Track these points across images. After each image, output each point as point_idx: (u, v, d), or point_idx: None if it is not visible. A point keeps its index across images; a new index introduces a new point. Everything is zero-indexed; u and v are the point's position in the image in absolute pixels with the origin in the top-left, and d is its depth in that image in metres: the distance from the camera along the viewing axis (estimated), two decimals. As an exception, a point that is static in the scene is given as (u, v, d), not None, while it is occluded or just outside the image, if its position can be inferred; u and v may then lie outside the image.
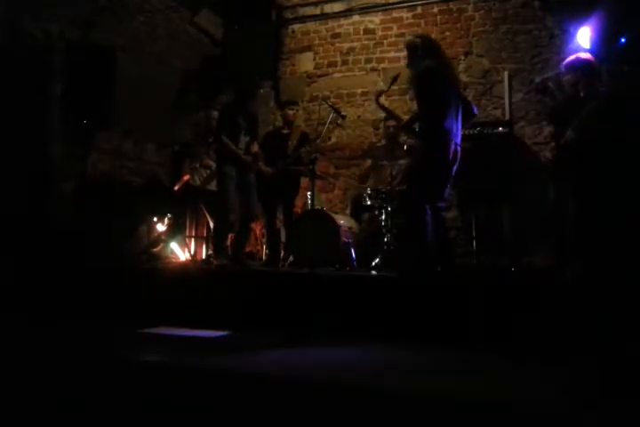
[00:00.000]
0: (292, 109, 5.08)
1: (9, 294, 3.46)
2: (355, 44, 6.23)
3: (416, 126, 3.65)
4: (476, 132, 5.01)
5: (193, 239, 5.51)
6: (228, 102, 4.74)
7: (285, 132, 5.04)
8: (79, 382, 2.20)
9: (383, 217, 4.57)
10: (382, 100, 4.00)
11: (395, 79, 3.86)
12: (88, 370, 2.36)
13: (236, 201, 4.39)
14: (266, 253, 5.11)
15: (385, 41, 6.07)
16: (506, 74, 5.54)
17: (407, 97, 5.73)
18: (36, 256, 3.80)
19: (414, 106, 4.52)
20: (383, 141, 5.50)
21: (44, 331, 3.18)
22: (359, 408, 1.90)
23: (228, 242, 4.56)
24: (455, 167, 3.49)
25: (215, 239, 4.52)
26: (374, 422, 1.81)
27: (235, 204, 4.37)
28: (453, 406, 1.89)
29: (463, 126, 3.62)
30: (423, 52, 3.61)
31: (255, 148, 4.54)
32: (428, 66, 3.50)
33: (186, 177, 5.02)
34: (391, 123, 4.79)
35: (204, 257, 5.33)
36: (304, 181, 5.17)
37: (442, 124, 3.39)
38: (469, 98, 5.66)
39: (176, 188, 5.07)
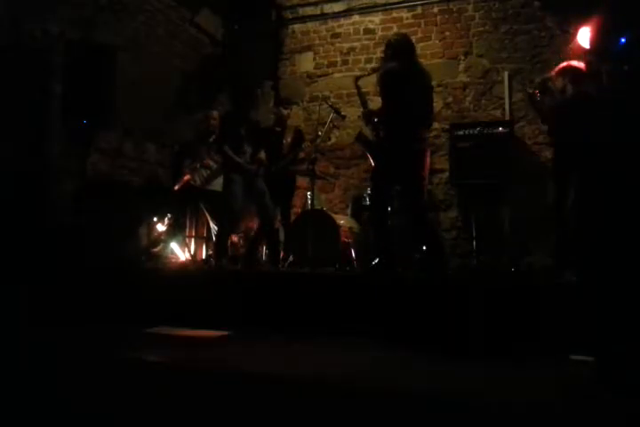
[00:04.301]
0: (287, 108, 5.09)
1: (8, 293, 3.46)
2: (355, 44, 6.24)
3: (375, 119, 3.68)
4: (476, 132, 5.01)
5: (193, 239, 5.51)
6: (229, 112, 4.76)
7: (278, 130, 5.04)
8: (79, 381, 2.20)
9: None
10: (361, 83, 3.98)
11: (378, 69, 3.84)
12: (88, 370, 2.36)
13: (245, 207, 4.43)
14: (265, 253, 5.11)
15: (385, 41, 6.07)
16: (506, 74, 5.55)
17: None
18: (35, 256, 3.79)
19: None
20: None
21: (45, 331, 3.18)
22: (358, 408, 1.91)
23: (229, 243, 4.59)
24: (423, 171, 3.50)
25: (217, 242, 4.54)
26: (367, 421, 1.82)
27: (241, 209, 4.40)
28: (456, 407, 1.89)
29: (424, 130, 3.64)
30: (393, 52, 3.63)
31: (261, 155, 4.54)
32: (391, 68, 3.53)
33: (186, 177, 5.01)
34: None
35: (203, 257, 5.34)
36: (304, 181, 5.16)
37: (400, 127, 3.46)
38: (469, 98, 5.71)
39: (176, 188, 5.06)
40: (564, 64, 3.94)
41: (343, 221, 4.75)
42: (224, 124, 4.55)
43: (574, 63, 3.90)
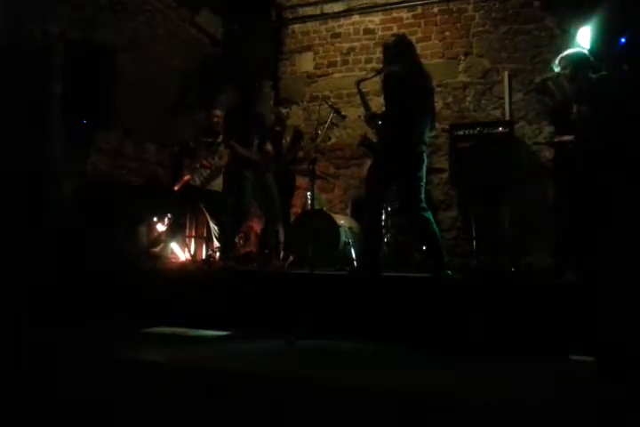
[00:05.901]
0: (287, 108, 5.10)
1: (9, 294, 3.46)
2: (355, 44, 6.23)
3: (379, 122, 3.67)
4: (476, 132, 5.01)
5: (193, 239, 5.51)
6: (234, 106, 4.76)
7: (277, 129, 5.05)
8: (79, 381, 2.20)
9: (383, 217, 4.57)
10: (363, 86, 3.95)
11: (379, 71, 3.82)
12: (87, 370, 2.36)
13: (249, 204, 4.44)
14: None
15: (384, 41, 6.07)
16: (506, 74, 5.54)
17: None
18: (35, 256, 3.79)
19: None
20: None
21: (45, 331, 3.18)
22: (358, 408, 1.91)
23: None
24: (422, 172, 3.48)
25: (223, 241, 4.56)
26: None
27: (246, 207, 4.41)
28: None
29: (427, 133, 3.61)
30: (394, 54, 3.60)
31: (268, 147, 4.56)
32: (393, 71, 3.50)
33: (186, 177, 5.01)
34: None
35: (203, 257, 5.34)
36: (304, 181, 5.15)
37: (403, 130, 3.44)
38: (469, 98, 5.71)
39: (176, 188, 5.06)
40: (567, 52, 3.84)
41: (343, 221, 4.74)
42: (229, 120, 4.56)
43: (577, 50, 3.81)
